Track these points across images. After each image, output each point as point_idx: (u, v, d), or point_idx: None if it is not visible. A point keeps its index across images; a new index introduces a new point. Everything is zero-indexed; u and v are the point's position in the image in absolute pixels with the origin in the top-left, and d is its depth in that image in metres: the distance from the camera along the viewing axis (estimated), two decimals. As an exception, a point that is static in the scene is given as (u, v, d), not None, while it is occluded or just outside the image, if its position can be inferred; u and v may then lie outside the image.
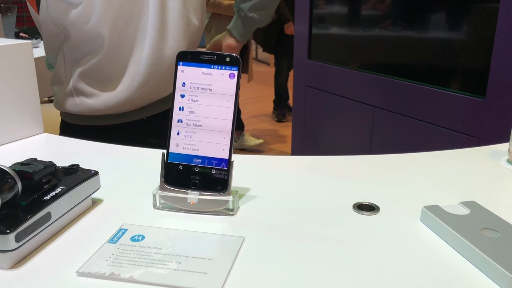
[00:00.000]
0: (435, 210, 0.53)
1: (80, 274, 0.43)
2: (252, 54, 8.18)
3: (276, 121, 4.22)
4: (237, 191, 0.57)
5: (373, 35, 1.87)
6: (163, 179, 0.56)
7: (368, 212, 0.56)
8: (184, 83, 0.56)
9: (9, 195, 0.45)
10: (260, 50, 8.07)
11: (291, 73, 3.99)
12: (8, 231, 0.43)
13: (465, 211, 0.53)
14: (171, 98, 0.57)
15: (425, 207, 0.53)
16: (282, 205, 0.58)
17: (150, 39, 1.00)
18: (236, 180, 0.56)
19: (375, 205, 0.57)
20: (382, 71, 1.78)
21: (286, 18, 3.81)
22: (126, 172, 0.69)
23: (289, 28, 3.76)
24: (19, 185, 0.47)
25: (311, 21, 2.13)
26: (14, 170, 0.47)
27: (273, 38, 3.95)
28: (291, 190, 0.63)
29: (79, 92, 1.02)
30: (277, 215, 0.55)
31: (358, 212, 0.56)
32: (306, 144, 2.31)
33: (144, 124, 1.07)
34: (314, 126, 2.23)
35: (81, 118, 1.05)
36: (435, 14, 1.61)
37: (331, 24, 2.11)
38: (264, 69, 7.21)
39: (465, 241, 0.46)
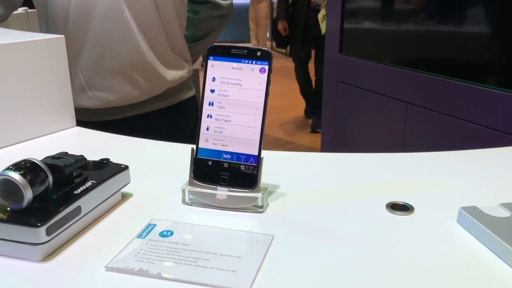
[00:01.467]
0: (473, 211, 0.50)
1: (108, 269, 0.43)
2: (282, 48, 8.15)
3: (310, 131, 3.84)
4: (266, 188, 0.56)
5: (407, 29, 1.82)
6: (192, 174, 0.56)
7: (402, 212, 0.54)
8: (214, 78, 0.56)
9: (40, 189, 0.46)
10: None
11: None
12: (39, 224, 0.44)
13: (505, 213, 0.51)
14: (183, 89, 0.57)
15: (463, 208, 0.51)
16: (312, 203, 0.57)
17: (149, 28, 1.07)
18: (266, 176, 0.55)
19: (409, 205, 0.55)
20: (416, 66, 1.73)
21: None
22: (156, 166, 0.69)
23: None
24: (50, 178, 0.47)
25: (343, 16, 2.09)
26: (46, 163, 0.48)
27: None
28: (321, 188, 0.61)
29: (91, 87, 1.06)
30: (307, 213, 0.54)
31: (392, 212, 0.54)
32: (336, 140, 2.28)
33: (153, 115, 1.14)
34: (345, 123, 2.20)
35: (90, 113, 1.09)
36: (471, 7, 1.56)
37: (363, 18, 2.07)
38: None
39: (506, 244, 0.44)
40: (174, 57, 1.15)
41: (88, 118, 1.08)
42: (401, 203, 0.56)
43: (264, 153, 0.55)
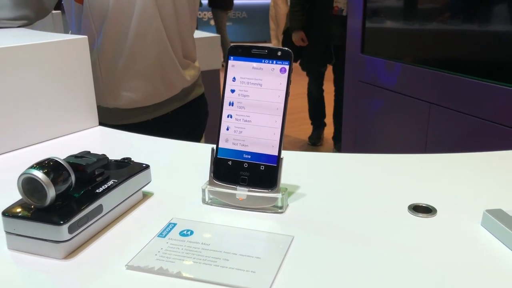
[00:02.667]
0: (498, 214, 0.49)
1: (129, 267, 0.44)
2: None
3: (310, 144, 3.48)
4: (286, 189, 0.55)
5: (430, 28, 1.80)
6: (212, 174, 0.56)
7: (424, 214, 0.53)
8: (234, 78, 0.56)
9: (63, 187, 0.46)
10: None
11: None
12: (61, 222, 0.44)
13: (532, 216, 0.49)
14: (194, 87, 0.58)
15: (487, 210, 0.50)
16: (333, 204, 0.56)
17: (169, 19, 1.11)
18: (285, 177, 0.55)
19: (431, 206, 0.54)
20: (439, 66, 1.71)
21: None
22: (177, 166, 0.69)
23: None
24: (73, 177, 0.48)
25: (364, 15, 2.08)
26: (68, 162, 0.48)
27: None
28: (342, 189, 0.61)
29: (119, 87, 1.10)
30: (327, 214, 0.54)
31: (414, 214, 0.53)
32: (357, 141, 2.27)
33: (171, 116, 1.19)
34: (366, 123, 2.18)
35: (114, 114, 1.12)
36: (496, 6, 1.53)
37: (385, 17, 2.05)
38: (315, 64, 7.13)
39: (532, 249, 0.43)
40: (185, 57, 1.21)
41: (113, 121, 1.10)
42: (423, 205, 0.55)
43: (284, 153, 0.54)
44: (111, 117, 1.11)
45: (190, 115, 1.25)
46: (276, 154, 0.54)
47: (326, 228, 0.51)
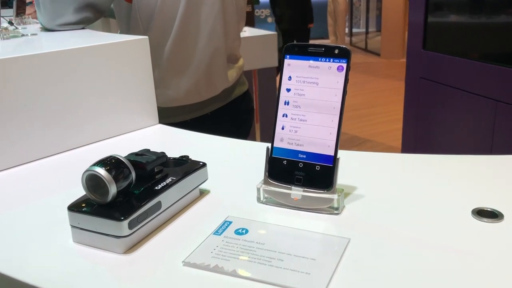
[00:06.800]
0: None
1: (186, 264, 0.45)
2: (362, 44, 7.97)
3: None
4: (343, 190, 0.54)
5: (498, 22, 1.70)
6: (267, 173, 0.56)
7: (490, 219, 0.50)
8: (290, 77, 0.55)
9: (124, 184, 0.48)
10: (369, 40, 7.82)
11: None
12: (122, 218, 0.46)
13: None
14: (236, 86, 0.58)
15: (560, 217, 0.47)
16: (391, 207, 0.55)
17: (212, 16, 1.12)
18: (342, 177, 0.54)
19: (497, 211, 0.52)
20: (507, 61, 1.61)
21: None
22: (232, 164, 0.70)
23: None
24: (133, 174, 0.49)
25: (427, 9, 2.00)
26: (129, 160, 0.50)
27: None
28: (401, 191, 0.59)
29: (161, 84, 1.11)
30: (385, 217, 0.52)
31: (478, 219, 0.51)
32: (418, 140, 2.19)
33: (212, 116, 1.19)
34: (428, 121, 2.11)
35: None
36: None
37: (449, 11, 1.97)
38: (373, 59, 6.99)
39: None
40: (228, 56, 1.21)
41: None
42: (488, 209, 0.52)
43: (340, 153, 0.53)
44: None
45: (232, 115, 1.25)
46: (333, 154, 0.53)
47: (384, 231, 0.50)
